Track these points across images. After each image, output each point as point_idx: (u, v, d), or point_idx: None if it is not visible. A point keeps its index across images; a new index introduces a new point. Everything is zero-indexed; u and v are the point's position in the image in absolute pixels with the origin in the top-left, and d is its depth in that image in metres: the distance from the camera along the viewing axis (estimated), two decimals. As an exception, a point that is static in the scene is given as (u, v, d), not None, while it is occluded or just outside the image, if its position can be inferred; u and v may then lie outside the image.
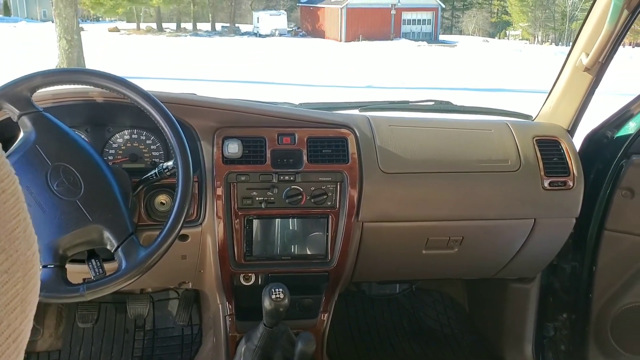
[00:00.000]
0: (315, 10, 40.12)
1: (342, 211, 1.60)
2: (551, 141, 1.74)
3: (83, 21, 39.61)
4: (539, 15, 40.67)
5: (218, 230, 1.55)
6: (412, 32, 38.45)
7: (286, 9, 44.84)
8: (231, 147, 1.52)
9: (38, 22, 39.26)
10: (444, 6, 42.49)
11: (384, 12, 36.92)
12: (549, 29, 41.23)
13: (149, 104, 1.29)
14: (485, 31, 48.39)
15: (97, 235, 1.21)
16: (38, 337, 2.11)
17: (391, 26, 37.30)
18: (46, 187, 1.20)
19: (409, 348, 2.31)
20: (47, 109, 1.30)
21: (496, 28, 49.26)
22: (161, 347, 2.16)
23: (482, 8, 50.45)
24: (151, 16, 42.66)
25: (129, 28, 38.98)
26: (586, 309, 1.94)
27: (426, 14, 39.07)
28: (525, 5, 40.43)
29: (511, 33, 46.29)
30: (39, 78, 1.25)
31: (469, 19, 49.58)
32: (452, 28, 50.97)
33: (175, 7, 39.68)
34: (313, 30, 40.08)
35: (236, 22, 44.21)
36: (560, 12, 39.83)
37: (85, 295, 1.16)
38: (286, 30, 39.42)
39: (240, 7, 48.11)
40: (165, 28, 40.29)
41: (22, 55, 15.79)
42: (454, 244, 1.74)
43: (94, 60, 13.60)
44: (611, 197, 1.80)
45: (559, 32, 40.18)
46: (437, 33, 39.75)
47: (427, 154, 1.65)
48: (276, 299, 1.38)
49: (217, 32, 39.88)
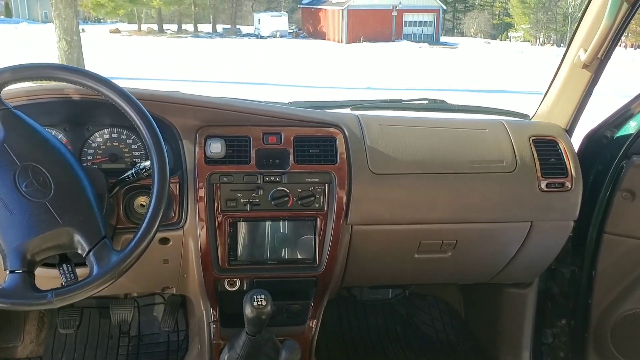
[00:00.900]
0: (316, 11, 40.12)
1: (331, 213, 1.54)
2: (548, 141, 1.68)
3: (84, 22, 39.77)
4: (541, 17, 40.71)
5: (200, 233, 1.49)
6: (414, 33, 38.46)
7: (287, 10, 44.88)
8: (214, 147, 1.46)
9: (39, 23, 39.30)
10: (445, 8, 42.55)
11: (385, 13, 36.94)
12: (551, 30, 41.25)
13: (123, 99, 1.22)
14: (487, 33, 48.40)
15: (67, 239, 1.15)
16: (18, 343, 2.05)
17: (392, 28, 37.30)
18: (14, 188, 1.14)
19: (403, 355, 2.25)
20: (21, 106, 1.25)
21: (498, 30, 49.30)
22: (146, 354, 2.10)
23: (483, 10, 50.47)
24: (152, 17, 42.71)
25: (130, 29, 39.04)
26: (585, 315, 1.88)
27: (428, 15, 39.09)
28: (527, 7, 40.47)
29: (513, 35, 46.32)
30: (7, 73, 1.19)
31: (470, 21, 49.59)
32: (454, 30, 51.00)
33: (177, 8, 39.70)
34: (314, 31, 40.08)
35: (237, 23, 44.24)
36: (562, 13, 39.86)
37: (53, 302, 1.10)
38: (287, 31, 39.46)
39: (241, 9, 48.18)
40: (167, 29, 40.34)
41: (22, 56, 15.74)
42: (448, 247, 1.67)
43: (94, 61, 13.57)
44: (611, 199, 1.74)
45: (561, 34, 40.20)
46: (439, 35, 39.78)
47: (419, 154, 1.59)
48: (258, 306, 1.32)
49: (218, 34, 39.94)
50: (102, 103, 1.38)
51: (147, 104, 1.27)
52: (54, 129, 1.49)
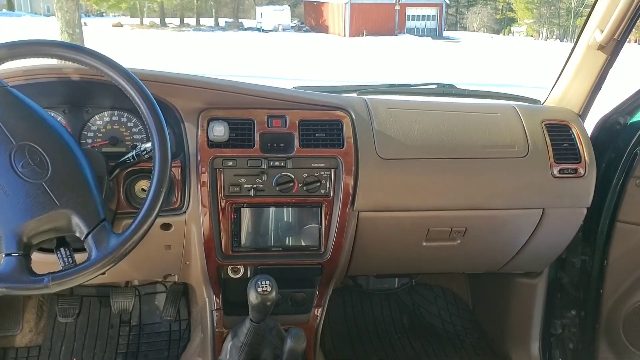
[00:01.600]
0: (318, 5, 39.94)
1: (337, 200, 1.49)
2: (561, 126, 1.64)
3: (86, 16, 39.66)
4: (544, 11, 40.53)
5: (203, 219, 1.45)
6: (417, 27, 38.27)
7: (289, 4, 44.66)
8: (217, 130, 1.42)
9: (41, 16, 39.21)
10: (448, 2, 42.36)
11: (388, 7, 36.76)
12: (554, 25, 41.09)
13: (123, 78, 1.18)
14: (490, 28, 48.23)
15: (65, 221, 1.11)
16: (17, 332, 2.02)
17: (395, 22, 37.13)
18: (9, 168, 1.10)
19: (409, 345, 2.21)
20: (18, 86, 1.21)
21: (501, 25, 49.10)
22: (147, 343, 2.06)
23: (486, 5, 50.23)
24: (155, 11, 42.57)
25: (133, 23, 38.92)
26: (596, 305, 1.84)
27: (431, 9, 38.88)
28: (530, 2, 40.27)
29: (516, 30, 46.14)
30: (4, 50, 1.15)
31: (473, 16, 49.38)
32: (457, 24, 50.81)
33: (179, 2, 39.61)
34: (316, 25, 39.92)
35: (239, 17, 44.08)
36: (565, 8, 39.68)
37: (50, 286, 1.06)
38: (289, 25, 39.30)
39: (243, 2, 48.04)
40: (169, 23, 40.24)
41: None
42: (457, 235, 1.63)
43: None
44: (624, 187, 1.70)
45: (564, 29, 40.04)
46: (442, 29, 39.60)
47: (428, 139, 1.54)
48: (263, 292, 1.28)
49: (221, 27, 39.78)
50: (102, 84, 1.35)
51: (148, 85, 1.23)
52: (52, 111, 1.45)
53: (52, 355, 2.01)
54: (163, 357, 2.02)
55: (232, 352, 1.41)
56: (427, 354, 2.18)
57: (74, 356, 2.00)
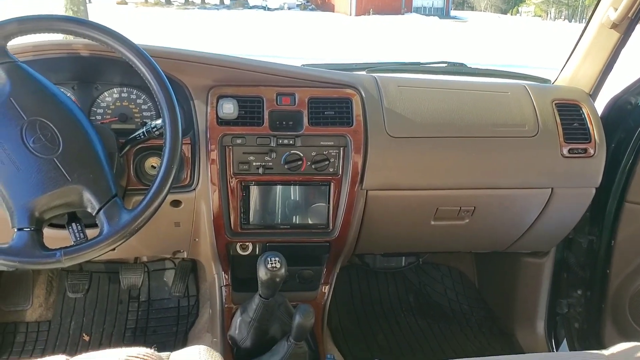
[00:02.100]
0: (325, -17, 39.54)
1: (345, 178, 1.49)
2: (572, 105, 1.63)
3: (91, -7, 39.28)
4: (553, -9, 39.99)
5: (212, 196, 1.46)
6: (424, 6, 37.93)
7: (295, -18, 44.20)
8: (226, 107, 1.41)
9: (46, -6, 38.94)
10: (456, -19, 41.81)
11: (395, -14, 36.36)
12: (562, 5, 40.57)
13: (135, 55, 1.17)
14: (498, 8, 47.68)
15: (76, 197, 1.11)
16: (27, 307, 2.04)
17: (402, 0, 36.74)
18: (21, 144, 1.10)
19: (415, 324, 2.23)
20: (28, 62, 1.20)
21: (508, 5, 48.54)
22: (156, 319, 2.08)
23: (495, -17, 49.58)
24: (159, -11, 42.22)
25: (137, 1, 38.61)
26: (603, 285, 1.84)
27: (438, -12, 38.48)
28: (539, -19, 39.73)
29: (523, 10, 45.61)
30: (14, 24, 1.14)
31: (481, -5, 48.82)
32: (464, 4, 50.26)
33: (184, -21, 39.24)
34: (322, 3, 39.55)
35: (245, -5, 43.69)
36: (575, -13, 39.13)
37: (62, 261, 1.07)
38: (295, 3, 38.98)
39: (249, -20, 47.50)
40: (174, 1, 39.88)
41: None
42: (465, 214, 1.63)
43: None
44: (633, 168, 1.69)
45: (572, 9, 39.54)
46: (449, 8, 39.20)
47: (438, 117, 1.53)
48: (272, 269, 1.29)
49: (226, 6, 39.48)
50: (111, 60, 1.34)
51: (158, 61, 1.21)
52: (61, 87, 1.45)
53: (62, 329, 2.03)
54: (172, 332, 2.04)
55: (241, 327, 1.42)
56: (432, 332, 2.19)
57: (83, 331, 2.03)
